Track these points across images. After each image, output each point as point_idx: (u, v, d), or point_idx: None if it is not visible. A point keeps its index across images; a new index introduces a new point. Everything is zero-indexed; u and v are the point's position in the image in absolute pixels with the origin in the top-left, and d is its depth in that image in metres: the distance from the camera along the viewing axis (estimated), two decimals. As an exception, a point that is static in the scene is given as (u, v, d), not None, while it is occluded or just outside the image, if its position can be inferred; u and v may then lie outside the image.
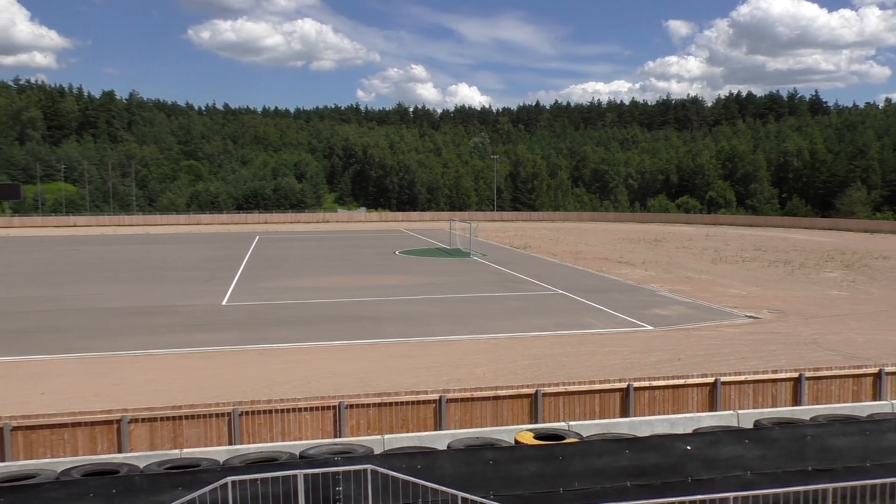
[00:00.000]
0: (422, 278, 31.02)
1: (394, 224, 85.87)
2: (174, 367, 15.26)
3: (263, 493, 7.33)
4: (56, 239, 60.43)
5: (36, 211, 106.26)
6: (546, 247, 48.09)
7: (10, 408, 11.60)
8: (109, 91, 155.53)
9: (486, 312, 22.02)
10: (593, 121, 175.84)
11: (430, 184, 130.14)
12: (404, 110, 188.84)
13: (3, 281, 30.91)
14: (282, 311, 22.60)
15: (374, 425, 11.26)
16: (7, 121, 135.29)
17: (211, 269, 34.50)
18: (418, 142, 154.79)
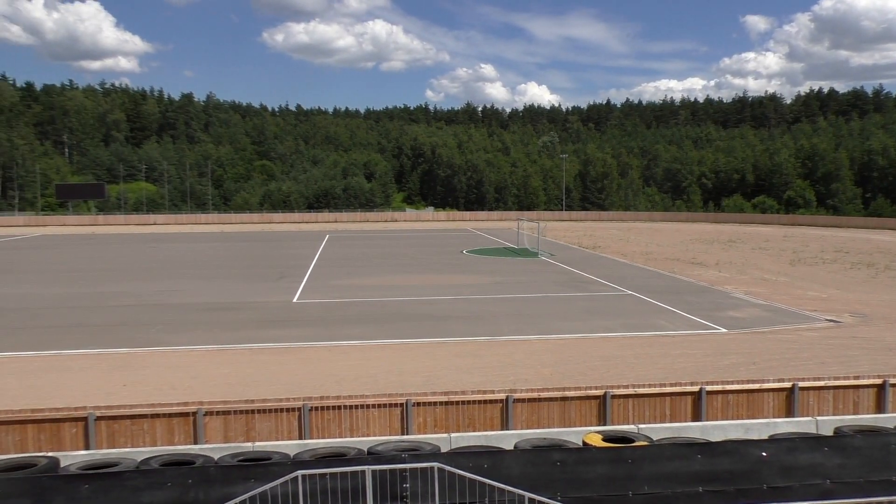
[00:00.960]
0: (489, 278, 30.99)
1: (461, 223, 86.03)
2: (247, 362, 15.65)
3: (332, 488, 7.45)
4: (137, 236, 62.76)
5: (119, 209, 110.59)
6: (616, 247, 47.38)
7: (95, 398, 12.10)
8: (188, 93, 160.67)
9: (554, 312, 21.84)
10: (666, 119, 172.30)
11: (498, 183, 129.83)
12: (473, 110, 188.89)
13: (88, 276, 32.30)
14: (351, 308, 22.92)
15: (441, 423, 11.30)
16: (93, 123, 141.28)
17: (282, 267, 35.25)
18: (486, 141, 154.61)
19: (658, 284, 28.26)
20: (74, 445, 10.78)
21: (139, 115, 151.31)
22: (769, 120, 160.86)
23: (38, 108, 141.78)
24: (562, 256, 40.10)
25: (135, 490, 7.97)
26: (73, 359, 15.99)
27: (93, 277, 32.00)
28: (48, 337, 18.46)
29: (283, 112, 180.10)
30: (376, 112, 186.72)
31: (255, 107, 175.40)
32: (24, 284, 29.57)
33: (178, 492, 7.95)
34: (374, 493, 7.29)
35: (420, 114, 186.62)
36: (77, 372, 14.73)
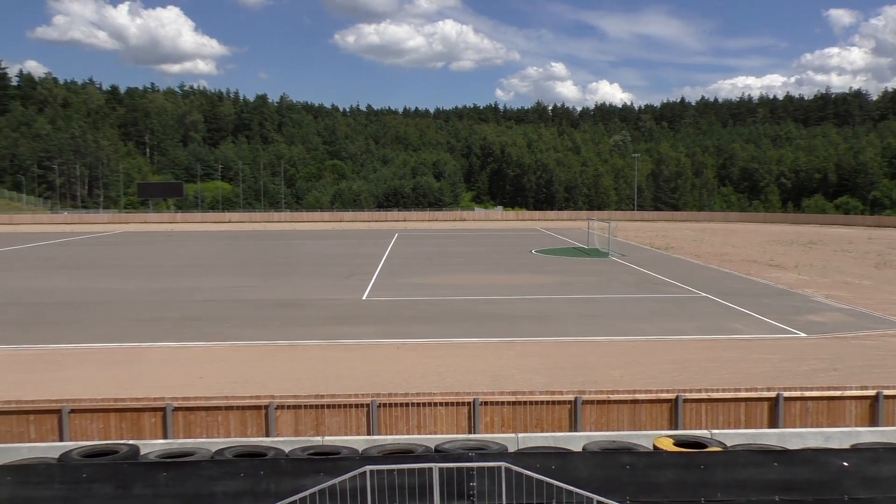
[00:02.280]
0: (558, 277, 30.71)
1: (530, 223, 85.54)
2: (317, 357, 15.91)
3: (399, 484, 7.49)
4: (213, 234, 64.65)
5: (196, 208, 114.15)
6: (689, 248, 46.31)
7: (172, 390, 12.50)
8: (262, 95, 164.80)
9: (625, 314, 21.49)
10: (743, 117, 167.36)
11: (569, 182, 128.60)
12: (543, 109, 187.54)
13: (167, 272, 33.44)
14: (419, 307, 23.05)
15: (508, 423, 11.25)
16: (173, 124, 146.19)
17: (352, 265, 35.74)
18: (557, 140, 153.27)
19: (733, 287, 27.49)
20: (153, 434, 11.17)
21: (216, 117, 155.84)
22: (853, 117, 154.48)
23: (121, 111, 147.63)
24: (633, 257, 39.43)
25: (209, 479, 8.19)
26: (153, 351, 16.57)
27: (171, 273, 33.11)
28: (129, 330, 19.19)
29: (354, 112, 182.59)
30: (446, 112, 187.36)
31: (327, 107, 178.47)
32: (107, 279, 30.83)
33: (250, 482, 8.13)
34: (441, 490, 7.29)
35: (489, 113, 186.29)
36: (156, 364, 15.25)
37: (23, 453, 9.94)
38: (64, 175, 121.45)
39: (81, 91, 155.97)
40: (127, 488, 8.12)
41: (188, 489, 8.13)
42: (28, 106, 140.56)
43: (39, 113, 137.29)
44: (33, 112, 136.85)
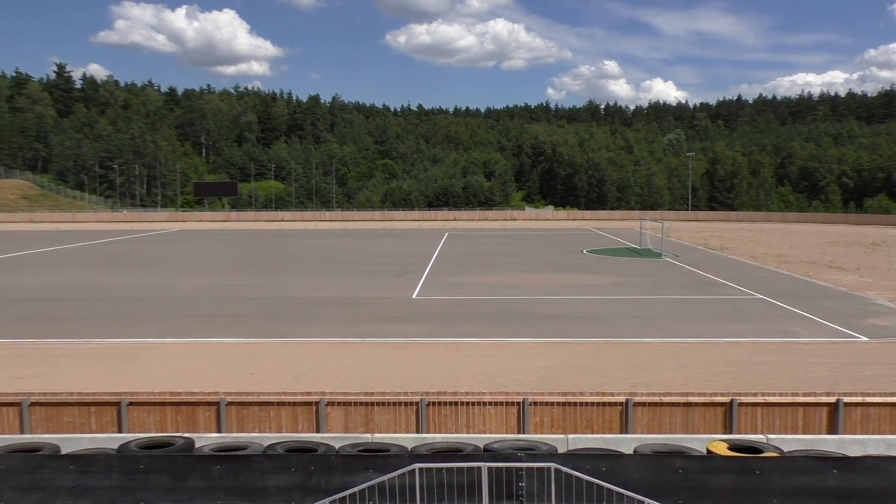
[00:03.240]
0: (610, 278, 30.36)
1: (582, 223, 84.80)
2: (368, 355, 16.03)
3: (448, 482, 7.49)
4: (266, 232, 65.73)
5: (249, 206, 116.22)
6: (745, 249, 45.30)
7: (226, 385, 12.74)
8: (315, 95, 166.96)
9: (678, 315, 21.12)
10: (802, 115, 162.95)
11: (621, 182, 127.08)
12: (595, 107, 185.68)
13: (221, 269, 34.12)
14: (469, 306, 23.04)
15: (558, 424, 11.15)
16: (228, 125, 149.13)
17: (403, 264, 35.92)
18: (609, 139, 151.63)
19: (791, 289, 26.79)
20: (207, 428, 11.39)
21: (269, 117, 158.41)
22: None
23: (179, 112, 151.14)
24: (687, 257, 38.75)
25: (261, 473, 8.32)
26: (207, 346, 16.91)
27: (225, 270, 33.76)
28: (185, 325, 19.62)
29: (405, 112, 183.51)
30: (497, 111, 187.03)
31: (378, 107, 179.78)
32: (164, 276, 31.60)
33: (301, 477, 8.23)
34: (490, 490, 7.27)
35: (541, 112, 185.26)
36: (210, 359, 15.56)
37: (84, 443, 10.24)
38: (124, 174, 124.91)
39: (141, 93, 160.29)
40: (182, 480, 8.30)
41: (241, 482, 8.27)
42: (91, 108, 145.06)
43: (101, 114, 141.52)
44: (95, 114, 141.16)
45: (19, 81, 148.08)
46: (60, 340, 17.60)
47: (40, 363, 15.24)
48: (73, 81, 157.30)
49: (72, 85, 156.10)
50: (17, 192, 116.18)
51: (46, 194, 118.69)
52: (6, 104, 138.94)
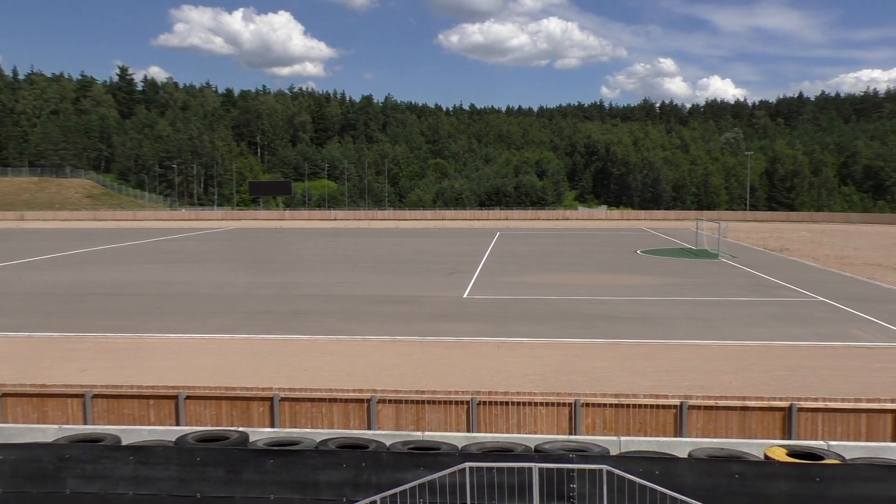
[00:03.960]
0: (664, 279, 29.88)
1: (635, 223, 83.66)
2: (418, 353, 16.08)
3: (499, 482, 7.46)
4: (319, 231, 66.55)
5: (303, 205, 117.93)
6: (806, 250, 44.08)
7: (279, 381, 12.93)
8: (368, 95, 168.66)
9: (735, 317, 20.66)
10: (867, 112, 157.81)
11: (676, 181, 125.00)
12: (650, 106, 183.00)
13: (276, 267, 34.67)
14: (520, 306, 22.94)
15: (611, 426, 11.02)
16: (283, 125, 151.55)
17: (454, 263, 35.96)
18: (664, 138, 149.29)
19: (855, 291, 25.95)
20: (261, 422, 11.58)
21: (323, 117, 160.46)
22: None
23: (235, 112, 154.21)
24: (744, 259, 37.88)
25: (314, 468, 8.41)
26: (261, 343, 17.19)
27: (279, 268, 34.30)
28: (241, 322, 19.99)
29: (457, 111, 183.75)
30: (549, 110, 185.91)
31: (430, 107, 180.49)
32: (220, 273, 32.26)
33: (352, 473, 8.29)
34: (541, 490, 7.22)
35: (594, 111, 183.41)
36: (264, 355, 15.82)
37: (143, 435, 10.53)
38: (182, 174, 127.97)
39: (199, 94, 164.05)
40: (237, 473, 8.45)
41: (294, 477, 8.38)
42: (151, 109, 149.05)
43: (161, 115, 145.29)
44: (155, 115, 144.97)
45: (84, 84, 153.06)
46: (122, 335, 18.11)
47: (103, 356, 15.71)
48: (135, 84, 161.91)
49: (134, 87, 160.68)
50: (81, 191, 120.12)
51: (109, 193, 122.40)
52: (72, 106, 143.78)
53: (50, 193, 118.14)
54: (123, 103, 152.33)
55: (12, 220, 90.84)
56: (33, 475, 8.72)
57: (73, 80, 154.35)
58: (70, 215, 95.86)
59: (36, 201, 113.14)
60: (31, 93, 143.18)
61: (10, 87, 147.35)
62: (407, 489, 7.19)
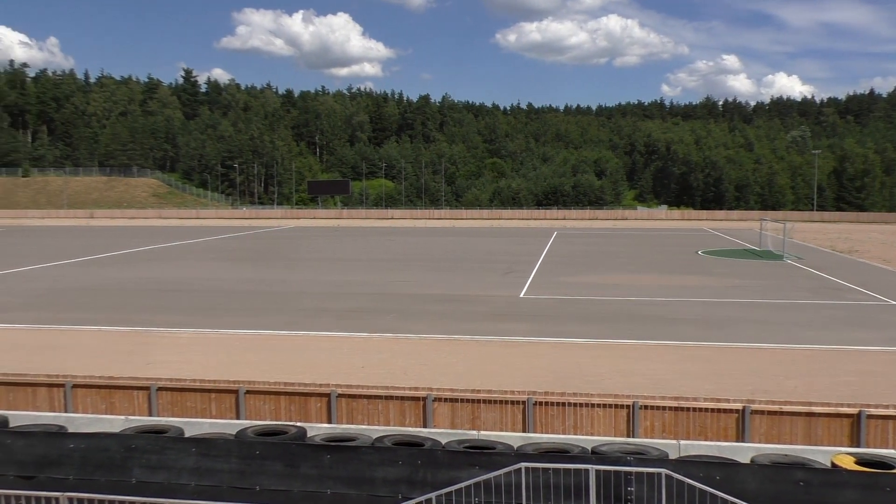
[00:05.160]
0: (725, 280, 29.20)
1: (696, 223, 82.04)
2: (474, 352, 16.07)
3: (555, 483, 7.39)
4: (376, 229, 67.14)
5: (360, 204, 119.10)
6: (877, 251, 42.52)
7: (336, 377, 13.08)
8: (425, 95, 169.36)
9: (800, 321, 20.05)
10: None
11: (739, 181, 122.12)
12: (713, 104, 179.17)
13: (334, 265, 35.11)
14: (577, 306, 22.72)
15: (670, 429, 10.81)
16: (341, 125, 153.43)
17: (510, 262, 35.84)
18: (727, 137, 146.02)
19: (928, 295, 24.93)
20: (319, 418, 11.73)
21: (381, 117, 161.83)
22: None
23: (295, 113, 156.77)
24: (811, 260, 36.76)
25: (370, 465, 8.48)
26: (319, 339, 17.42)
27: (337, 266, 34.72)
28: (299, 318, 20.30)
29: (514, 110, 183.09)
30: (608, 108, 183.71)
31: (488, 106, 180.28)
32: (280, 270, 32.83)
33: (408, 470, 8.32)
34: (598, 493, 7.12)
35: (654, 109, 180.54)
36: (321, 352, 16.03)
37: (205, 428, 10.77)
38: (243, 173, 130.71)
39: (260, 95, 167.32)
40: (295, 467, 8.57)
41: (350, 472, 8.46)
42: (214, 110, 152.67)
43: (223, 116, 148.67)
44: (218, 116, 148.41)
45: (151, 86, 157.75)
46: (185, 330, 18.59)
47: (167, 351, 16.15)
48: (199, 85, 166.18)
49: (197, 89, 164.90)
50: (147, 190, 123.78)
51: (174, 192, 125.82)
52: (139, 108, 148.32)
53: (118, 192, 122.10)
54: (188, 104, 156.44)
55: (83, 217, 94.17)
56: (101, 464, 9.01)
57: (141, 83, 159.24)
58: (136, 213, 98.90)
59: (105, 200, 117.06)
60: (101, 95, 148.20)
61: (82, 90, 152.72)
62: (462, 488, 7.18)
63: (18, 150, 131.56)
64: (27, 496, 7.79)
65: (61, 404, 12.56)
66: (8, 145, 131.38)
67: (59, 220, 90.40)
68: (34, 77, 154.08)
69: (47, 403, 12.62)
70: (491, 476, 7.27)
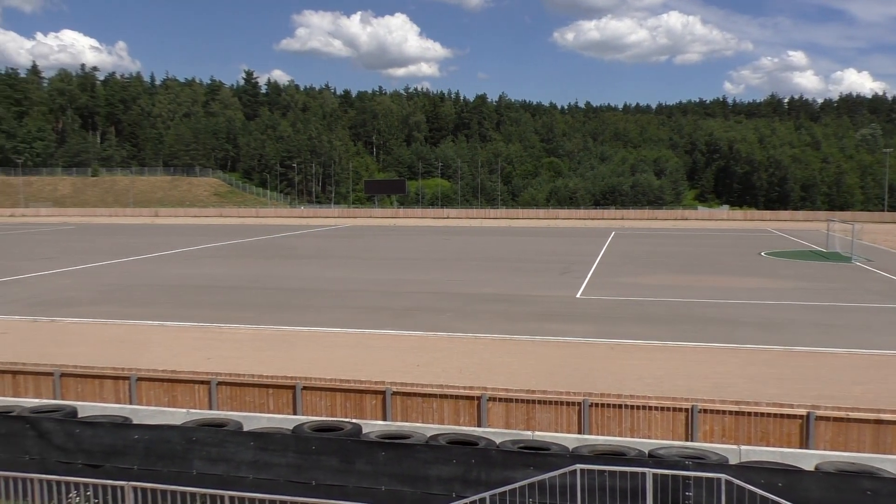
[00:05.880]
0: (790, 282, 28.39)
1: (760, 223, 79.99)
2: (529, 353, 15.98)
3: (611, 486, 7.30)
4: (432, 229, 67.37)
5: (416, 203, 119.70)
6: (950, 254, 40.77)
7: (391, 375, 13.17)
8: (482, 94, 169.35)
9: (869, 325, 19.36)
10: None
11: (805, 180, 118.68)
12: (777, 101, 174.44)
13: (389, 264, 35.36)
14: (635, 307, 22.39)
15: (730, 434, 10.56)
16: (398, 125, 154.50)
17: (566, 262, 35.53)
18: (793, 135, 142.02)
19: None
20: (374, 415, 11.82)
21: (437, 117, 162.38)
22: None
23: (352, 113, 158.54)
24: (881, 262, 35.45)
25: (424, 462, 8.51)
26: (375, 338, 17.56)
27: (393, 265, 34.95)
28: (355, 316, 20.51)
29: (572, 109, 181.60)
30: (668, 107, 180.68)
31: (545, 105, 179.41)
32: (336, 268, 33.23)
33: (462, 469, 8.33)
34: (655, 497, 7.00)
35: (717, 107, 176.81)
36: (377, 350, 16.15)
37: (263, 422, 10.97)
38: (301, 173, 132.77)
39: (318, 96, 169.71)
40: (350, 463, 8.66)
41: (404, 470, 8.50)
42: (273, 111, 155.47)
43: (283, 117, 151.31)
44: (278, 116, 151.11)
45: (213, 88, 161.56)
46: (244, 326, 18.97)
47: (227, 346, 16.50)
48: (259, 87, 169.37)
49: (258, 90, 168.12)
50: (209, 189, 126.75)
51: (234, 191, 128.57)
52: (202, 109, 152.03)
53: (181, 191, 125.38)
54: (248, 105, 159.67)
55: (148, 216, 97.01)
56: (164, 455, 9.27)
57: (204, 85, 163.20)
58: (199, 212, 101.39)
59: (169, 199, 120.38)
60: (166, 97, 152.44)
61: (148, 92, 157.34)
62: (517, 488, 7.15)
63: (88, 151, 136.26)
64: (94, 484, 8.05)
65: (126, 396, 12.96)
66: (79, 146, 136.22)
67: (126, 218, 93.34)
68: (103, 80, 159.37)
69: (113, 395, 13.04)
70: (545, 477, 7.22)
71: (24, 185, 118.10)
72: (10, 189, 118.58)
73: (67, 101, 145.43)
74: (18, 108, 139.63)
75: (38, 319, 19.99)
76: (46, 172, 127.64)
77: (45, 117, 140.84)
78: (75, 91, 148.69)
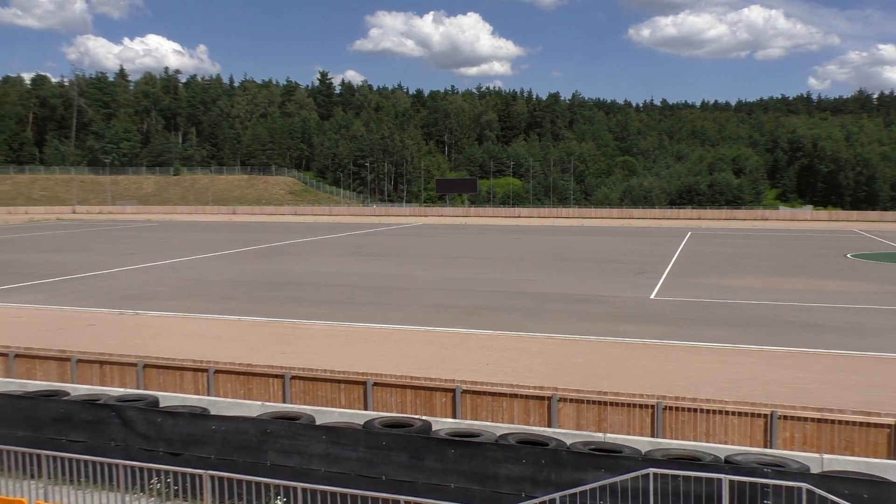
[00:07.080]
0: (878, 286, 27.16)
1: (846, 224, 76.82)
2: (601, 353, 15.76)
3: (685, 491, 7.12)
4: (503, 228, 67.19)
5: (488, 202, 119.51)
6: None
7: (462, 373, 13.19)
8: (554, 93, 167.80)
9: (964, 331, 18.34)
10: None
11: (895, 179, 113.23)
12: (866, 97, 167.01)
13: (460, 263, 35.43)
14: (711, 309, 21.81)
15: (812, 442, 10.17)
16: (470, 124, 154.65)
17: (641, 263, 34.90)
18: (883, 132, 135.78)
19: None
20: (443, 413, 11.86)
21: (509, 115, 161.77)
22: None
23: (424, 112, 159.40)
24: (976, 266, 33.57)
25: (493, 461, 8.48)
26: (445, 335, 17.63)
27: (463, 264, 35.01)
28: (426, 314, 20.64)
29: (647, 107, 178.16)
30: (749, 104, 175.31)
31: (619, 103, 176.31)
32: (407, 266, 33.50)
33: (531, 469, 8.27)
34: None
35: (800, 104, 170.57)
36: (447, 347, 16.20)
37: (334, 417, 11.15)
38: (374, 172, 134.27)
39: (391, 96, 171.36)
40: (420, 459, 8.70)
41: (474, 468, 8.49)
42: (347, 111, 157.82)
43: (356, 116, 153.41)
44: (351, 116, 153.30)
45: (289, 89, 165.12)
46: (317, 322, 19.32)
47: (301, 341, 16.84)
48: (333, 87, 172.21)
49: (332, 90, 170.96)
50: (284, 188, 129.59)
51: (308, 190, 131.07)
52: (278, 110, 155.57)
53: (258, 190, 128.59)
54: (323, 106, 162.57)
55: (226, 214, 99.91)
56: (240, 445, 9.51)
57: (280, 86, 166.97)
58: (274, 210, 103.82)
59: (246, 197, 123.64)
60: (244, 98, 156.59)
61: (227, 93, 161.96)
62: (587, 489, 7.05)
63: (170, 151, 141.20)
64: (174, 472, 8.33)
65: (205, 388, 13.37)
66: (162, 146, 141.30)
67: (205, 215, 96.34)
68: (185, 83, 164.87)
69: (192, 386, 13.47)
70: (617, 480, 7.10)
71: (111, 183, 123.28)
72: (98, 188, 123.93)
73: (152, 103, 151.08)
74: (107, 111, 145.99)
75: (124, 312, 20.83)
76: (132, 172, 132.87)
77: (131, 119, 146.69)
78: (159, 93, 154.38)
